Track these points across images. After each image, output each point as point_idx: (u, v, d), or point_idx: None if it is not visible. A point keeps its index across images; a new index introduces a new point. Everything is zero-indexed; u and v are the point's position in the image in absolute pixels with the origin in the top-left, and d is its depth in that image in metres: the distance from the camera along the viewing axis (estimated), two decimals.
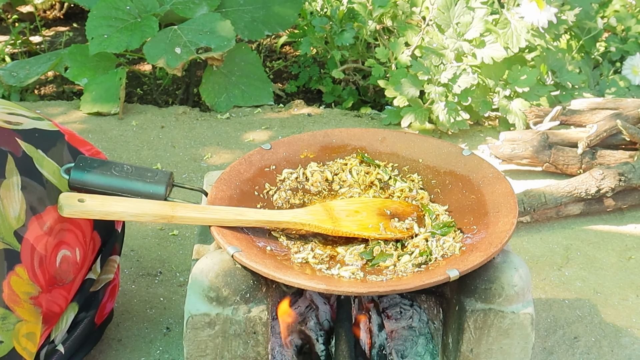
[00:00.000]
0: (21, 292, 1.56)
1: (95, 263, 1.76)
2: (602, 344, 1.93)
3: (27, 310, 1.56)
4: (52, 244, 1.61)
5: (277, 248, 1.56)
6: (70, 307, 1.69)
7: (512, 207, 1.59)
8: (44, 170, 1.63)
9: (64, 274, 1.65)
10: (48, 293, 1.62)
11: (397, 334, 1.72)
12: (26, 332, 1.56)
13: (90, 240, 1.72)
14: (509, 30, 2.60)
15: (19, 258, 1.56)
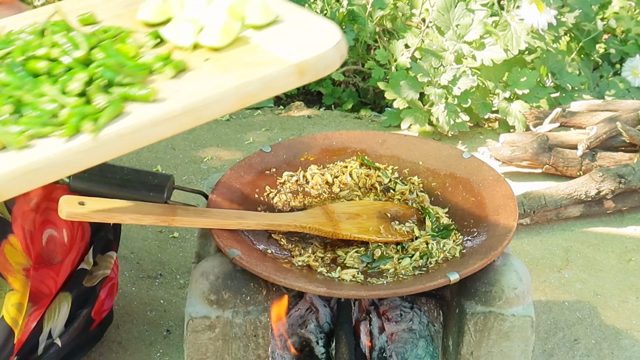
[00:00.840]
0: (14, 262, 1.57)
1: (87, 254, 1.76)
2: (602, 346, 1.93)
3: (19, 281, 1.57)
4: (39, 222, 1.63)
5: (277, 251, 1.56)
6: (62, 296, 1.69)
7: (512, 210, 1.60)
8: None
9: (52, 253, 1.65)
10: (35, 271, 1.62)
11: (398, 337, 1.73)
12: (15, 301, 1.57)
13: (79, 225, 1.72)
14: (508, 32, 2.61)
15: (11, 228, 1.57)
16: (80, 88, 1.19)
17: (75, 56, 1.25)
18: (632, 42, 2.98)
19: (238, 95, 1.23)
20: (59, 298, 1.69)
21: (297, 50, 1.26)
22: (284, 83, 1.26)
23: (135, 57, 1.28)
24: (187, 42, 1.30)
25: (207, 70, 1.26)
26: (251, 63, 1.26)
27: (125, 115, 1.17)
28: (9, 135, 1.12)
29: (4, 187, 1.09)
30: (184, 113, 1.19)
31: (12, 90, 1.18)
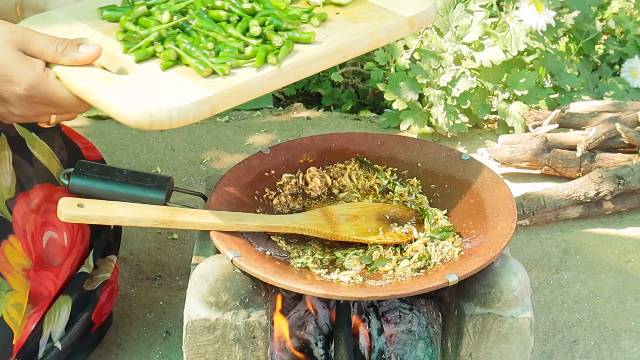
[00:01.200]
0: (14, 263, 1.57)
1: (88, 257, 1.76)
2: (601, 348, 1.94)
3: (19, 281, 1.58)
4: (39, 223, 1.63)
5: (276, 253, 1.56)
6: (62, 299, 1.69)
7: (511, 212, 1.60)
8: (34, 150, 1.66)
9: (51, 255, 1.66)
10: (35, 273, 1.62)
11: (397, 338, 1.73)
12: (14, 302, 1.57)
13: (79, 228, 1.73)
14: (507, 34, 2.61)
15: (12, 228, 1.57)
16: (259, 31, 1.49)
17: (244, 7, 1.54)
18: (631, 43, 2.98)
19: (371, 40, 1.54)
20: (58, 301, 1.69)
21: (406, 8, 1.59)
22: (400, 32, 1.58)
23: (286, 10, 1.57)
24: (319, 0, 1.62)
25: (341, 21, 1.57)
26: (374, 17, 1.57)
27: (295, 52, 1.48)
28: (216, 64, 1.43)
29: (218, 104, 1.40)
30: (336, 52, 1.51)
31: (207, 32, 1.49)
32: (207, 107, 1.38)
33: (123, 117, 1.37)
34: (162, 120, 1.35)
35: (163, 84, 1.41)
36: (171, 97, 1.37)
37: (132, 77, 1.42)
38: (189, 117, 1.37)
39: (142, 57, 1.46)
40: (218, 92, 1.39)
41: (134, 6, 1.55)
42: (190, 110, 1.37)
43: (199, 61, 1.43)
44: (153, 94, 1.38)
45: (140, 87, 1.40)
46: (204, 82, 1.41)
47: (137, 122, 1.36)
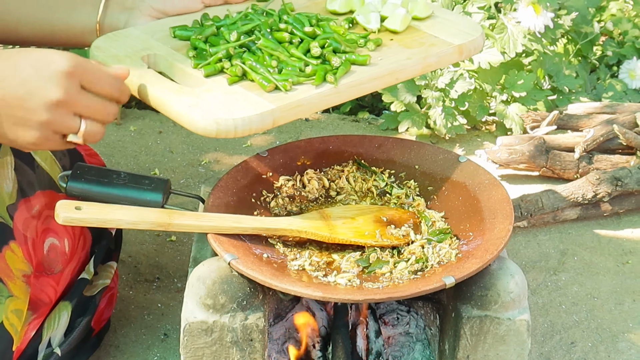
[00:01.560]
0: (15, 269, 1.57)
1: (88, 263, 1.76)
2: (599, 349, 1.94)
3: (19, 287, 1.58)
4: (40, 229, 1.63)
5: (273, 255, 1.56)
6: (62, 305, 1.70)
7: (508, 214, 1.60)
8: (37, 156, 1.66)
9: (52, 262, 1.66)
10: (36, 279, 1.63)
11: (394, 340, 1.73)
12: (14, 308, 1.57)
13: (80, 234, 1.73)
14: (505, 35, 2.61)
15: (12, 234, 1.58)
16: (319, 52, 1.60)
17: (305, 30, 1.65)
18: (629, 44, 2.99)
19: (422, 65, 1.64)
20: (58, 307, 1.69)
21: (455, 36, 1.69)
22: (450, 59, 1.68)
23: (344, 34, 1.68)
24: (375, 26, 1.72)
25: (395, 47, 1.67)
26: (425, 43, 1.68)
27: (352, 73, 1.58)
28: (279, 80, 1.53)
29: (280, 116, 1.49)
30: (389, 74, 1.60)
31: (271, 51, 1.60)
32: (269, 119, 1.48)
33: (192, 125, 1.47)
34: (227, 129, 1.45)
35: (229, 97, 1.50)
36: (237, 108, 1.47)
37: (201, 90, 1.52)
38: (252, 127, 1.46)
39: (211, 72, 1.57)
40: (280, 106, 1.48)
41: (204, 27, 1.68)
42: (254, 122, 1.46)
43: (263, 77, 1.53)
44: (220, 105, 1.48)
45: (208, 99, 1.50)
46: (267, 96, 1.50)
47: (205, 130, 1.46)
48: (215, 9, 1.78)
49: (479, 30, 1.71)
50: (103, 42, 1.68)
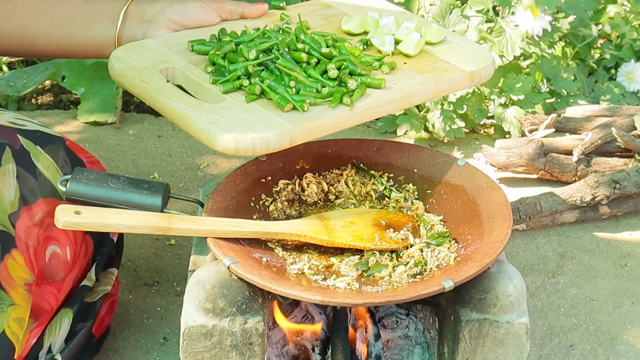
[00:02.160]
0: (17, 277, 1.57)
1: (90, 270, 1.76)
2: (598, 352, 1.94)
3: (21, 295, 1.58)
4: (42, 237, 1.63)
5: (273, 259, 1.57)
6: (63, 312, 1.70)
7: (507, 217, 1.60)
8: (39, 163, 1.66)
9: (54, 270, 1.66)
10: (37, 287, 1.63)
11: (393, 344, 1.73)
12: (16, 316, 1.57)
13: (82, 242, 1.73)
14: (503, 39, 2.61)
15: (14, 242, 1.58)
16: (336, 74, 1.63)
17: (322, 51, 1.69)
18: (627, 47, 2.99)
19: (435, 90, 1.67)
20: (59, 314, 1.69)
21: (467, 63, 1.73)
22: (461, 84, 1.72)
23: (359, 56, 1.70)
24: (389, 49, 1.76)
25: (409, 71, 1.71)
26: (438, 69, 1.71)
27: (367, 96, 1.61)
28: (297, 101, 1.56)
29: (297, 136, 1.52)
30: (403, 98, 1.64)
31: (289, 71, 1.63)
32: (287, 138, 1.51)
33: (211, 142, 1.49)
34: (246, 147, 1.48)
35: (248, 115, 1.53)
36: (256, 127, 1.50)
37: (220, 107, 1.55)
38: (270, 146, 1.49)
39: (229, 89, 1.60)
40: (298, 127, 1.52)
41: (222, 42, 1.71)
42: (272, 141, 1.49)
43: (281, 97, 1.57)
44: (239, 123, 1.51)
45: (227, 116, 1.53)
46: (285, 116, 1.54)
47: (224, 147, 1.48)
48: (232, 24, 1.82)
49: (490, 57, 1.74)
50: (122, 53, 1.70)
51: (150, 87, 1.58)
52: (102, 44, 1.78)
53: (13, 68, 3.12)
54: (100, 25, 1.77)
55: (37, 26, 1.76)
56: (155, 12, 1.78)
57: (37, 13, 1.76)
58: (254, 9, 1.86)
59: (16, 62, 3.19)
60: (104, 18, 1.77)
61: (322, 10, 1.93)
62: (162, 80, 1.61)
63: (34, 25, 1.76)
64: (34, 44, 1.77)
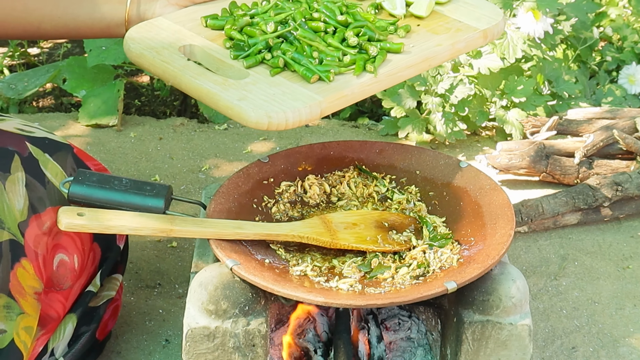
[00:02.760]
0: (27, 285, 1.57)
1: (95, 277, 1.76)
2: (600, 354, 1.94)
3: (30, 304, 1.57)
4: (51, 245, 1.63)
5: (275, 261, 1.57)
6: (68, 317, 1.70)
7: (509, 219, 1.60)
8: (47, 171, 1.65)
9: (62, 278, 1.65)
10: (45, 295, 1.62)
11: (396, 345, 1.73)
12: (25, 325, 1.57)
13: (90, 250, 1.73)
14: (505, 41, 2.62)
15: (24, 251, 1.57)
16: (356, 41, 1.61)
17: (338, 19, 1.66)
18: (629, 50, 2.99)
19: (451, 50, 1.67)
20: (64, 320, 1.69)
21: (478, 21, 1.72)
22: (476, 43, 1.71)
23: (374, 22, 1.68)
24: (401, 12, 1.74)
25: (423, 33, 1.69)
26: (452, 29, 1.70)
27: (388, 62, 1.61)
28: (322, 72, 1.55)
29: (326, 107, 1.52)
30: (423, 61, 1.63)
31: (310, 42, 1.61)
32: (317, 110, 1.51)
33: (243, 119, 1.49)
34: (279, 121, 1.48)
35: (275, 89, 1.53)
36: (285, 101, 1.50)
37: (246, 82, 1.54)
38: (302, 119, 1.50)
39: (252, 64, 1.59)
40: (326, 97, 1.52)
41: (236, 16, 1.69)
42: (303, 113, 1.49)
43: (306, 69, 1.56)
44: (268, 97, 1.51)
45: (255, 92, 1.52)
46: (311, 87, 1.54)
47: (257, 123, 1.48)
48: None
49: (500, 14, 1.74)
50: (137, 34, 1.67)
51: (172, 67, 1.57)
52: (111, 24, 1.74)
53: (14, 71, 3.12)
54: (108, 5, 1.74)
55: (42, 10, 1.73)
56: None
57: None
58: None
59: (17, 65, 3.19)
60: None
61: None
62: (183, 59, 1.59)
63: (38, 9, 1.73)
64: (40, 27, 1.74)
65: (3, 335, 1.53)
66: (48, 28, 1.75)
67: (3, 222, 1.56)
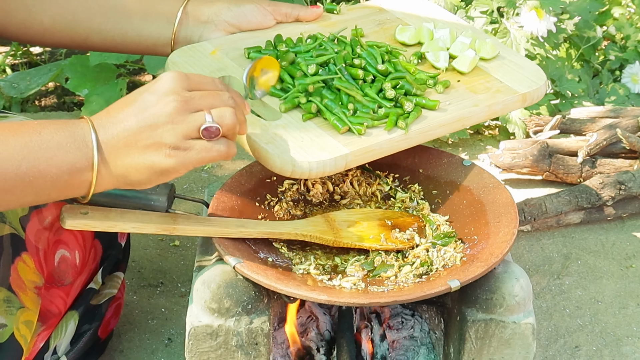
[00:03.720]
0: (27, 280, 1.57)
1: (97, 274, 1.76)
2: (604, 353, 1.94)
3: (30, 299, 1.57)
4: (52, 241, 1.63)
5: (278, 259, 1.56)
6: (70, 314, 1.70)
7: (513, 217, 1.60)
8: None
9: (63, 274, 1.65)
10: (46, 291, 1.62)
11: (399, 344, 1.73)
12: (25, 319, 1.57)
13: (91, 247, 1.73)
14: (508, 40, 2.61)
15: (25, 246, 1.57)
16: (393, 94, 1.62)
17: (378, 68, 1.67)
18: (632, 49, 2.99)
19: (488, 112, 1.66)
20: (65, 316, 1.69)
21: (520, 83, 1.71)
22: (514, 106, 1.69)
23: (414, 73, 1.69)
24: (443, 65, 1.74)
25: (462, 90, 1.69)
26: (492, 89, 1.69)
27: (422, 119, 1.61)
28: (354, 124, 1.55)
29: (352, 160, 1.53)
30: (457, 120, 1.63)
31: (348, 91, 1.61)
32: (342, 162, 1.52)
33: (267, 163, 1.51)
34: (302, 171, 1.50)
35: (304, 135, 1.54)
36: (312, 150, 1.51)
37: (277, 125, 1.56)
38: (326, 170, 1.51)
39: (289, 107, 1.60)
40: (353, 151, 1.52)
41: (279, 51, 1.71)
42: (328, 165, 1.51)
43: (338, 119, 1.56)
44: (296, 144, 1.52)
45: (284, 136, 1.54)
46: (340, 138, 1.54)
47: (281, 170, 1.50)
48: (287, 29, 1.81)
49: (543, 78, 1.72)
50: (178, 57, 1.69)
51: None
52: (157, 43, 1.76)
53: (17, 70, 3.12)
54: (156, 24, 1.75)
55: (91, 22, 1.74)
56: (212, 13, 1.77)
57: (92, 9, 1.74)
58: (309, 13, 1.85)
59: (20, 63, 3.19)
60: (160, 17, 1.75)
61: (376, 14, 1.92)
62: None
63: (87, 20, 1.73)
64: (87, 39, 1.75)
65: (3, 329, 1.53)
66: (96, 40, 1.76)
67: (4, 216, 1.56)
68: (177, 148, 1.35)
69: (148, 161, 1.35)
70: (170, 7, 1.76)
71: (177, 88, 1.36)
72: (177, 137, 1.35)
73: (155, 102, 1.35)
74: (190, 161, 1.37)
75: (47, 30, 1.72)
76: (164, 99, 1.35)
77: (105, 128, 1.35)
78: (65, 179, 1.33)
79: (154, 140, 1.34)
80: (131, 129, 1.34)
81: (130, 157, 1.35)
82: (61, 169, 1.32)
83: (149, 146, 1.34)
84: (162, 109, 1.35)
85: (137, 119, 1.34)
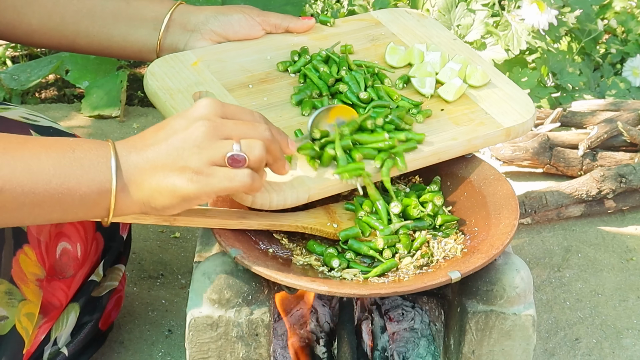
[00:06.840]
0: (29, 272, 1.57)
1: (98, 266, 1.77)
2: (604, 346, 1.94)
3: (32, 291, 1.57)
4: (54, 233, 1.63)
5: (279, 250, 1.56)
6: (71, 306, 1.70)
7: (514, 209, 1.60)
8: None
9: (65, 266, 1.65)
10: (47, 283, 1.63)
11: (399, 336, 1.73)
12: (27, 311, 1.57)
13: (93, 239, 1.73)
14: (509, 33, 2.61)
15: (26, 238, 1.57)
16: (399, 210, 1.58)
17: (361, 96, 1.64)
18: (633, 42, 2.99)
19: (466, 146, 1.63)
20: (67, 309, 1.69)
21: (506, 116, 1.66)
22: (495, 140, 1.66)
23: (397, 100, 1.66)
24: (428, 92, 1.70)
25: (444, 121, 1.65)
26: (475, 120, 1.66)
27: None
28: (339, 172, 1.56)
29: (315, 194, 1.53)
30: (433, 154, 1.61)
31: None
32: (304, 196, 1.52)
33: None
34: (262, 202, 1.49)
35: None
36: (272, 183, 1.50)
37: None
38: (287, 203, 1.51)
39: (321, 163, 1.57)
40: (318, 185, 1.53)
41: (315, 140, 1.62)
42: (288, 198, 1.50)
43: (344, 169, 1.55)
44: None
45: None
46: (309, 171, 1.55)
47: (240, 199, 1.49)
48: (276, 40, 1.80)
49: (532, 110, 1.67)
50: (158, 68, 1.68)
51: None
52: (143, 49, 1.76)
53: (17, 62, 3.12)
54: (142, 30, 1.75)
55: (78, 25, 1.74)
56: (199, 22, 1.75)
57: (79, 12, 1.74)
58: (299, 24, 1.82)
59: (20, 56, 3.19)
60: (147, 23, 1.75)
61: (371, 28, 1.87)
62: None
63: (74, 23, 1.74)
64: (75, 42, 1.76)
65: (5, 321, 1.53)
66: (82, 43, 1.76)
67: None
68: (199, 173, 1.33)
69: (170, 184, 1.33)
70: (157, 13, 1.75)
71: (209, 114, 1.35)
72: (202, 162, 1.33)
73: (186, 126, 1.34)
74: (212, 188, 1.35)
75: (35, 31, 1.73)
76: (194, 123, 1.34)
77: (136, 150, 1.34)
78: (94, 198, 1.32)
79: (179, 163, 1.33)
80: (159, 151, 1.33)
81: (156, 180, 1.33)
82: (90, 188, 1.31)
83: (174, 169, 1.33)
84: (191, 133, 1.33)
85: (167, 142, 1.33)
